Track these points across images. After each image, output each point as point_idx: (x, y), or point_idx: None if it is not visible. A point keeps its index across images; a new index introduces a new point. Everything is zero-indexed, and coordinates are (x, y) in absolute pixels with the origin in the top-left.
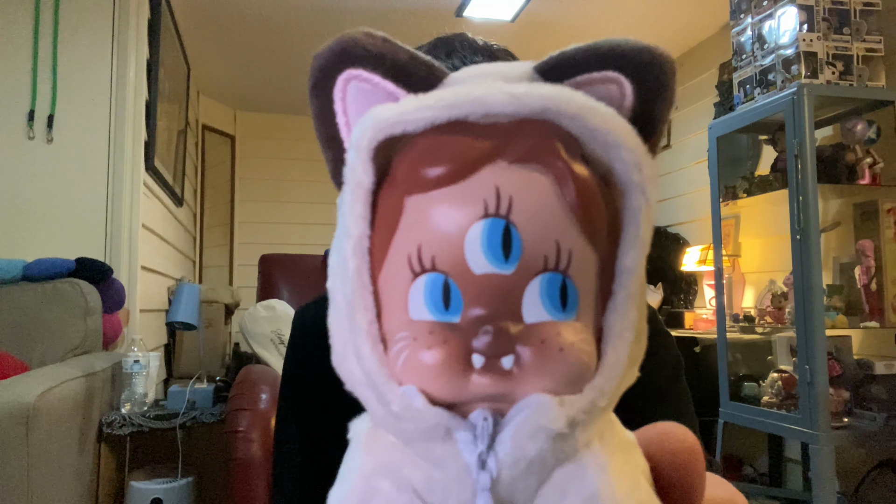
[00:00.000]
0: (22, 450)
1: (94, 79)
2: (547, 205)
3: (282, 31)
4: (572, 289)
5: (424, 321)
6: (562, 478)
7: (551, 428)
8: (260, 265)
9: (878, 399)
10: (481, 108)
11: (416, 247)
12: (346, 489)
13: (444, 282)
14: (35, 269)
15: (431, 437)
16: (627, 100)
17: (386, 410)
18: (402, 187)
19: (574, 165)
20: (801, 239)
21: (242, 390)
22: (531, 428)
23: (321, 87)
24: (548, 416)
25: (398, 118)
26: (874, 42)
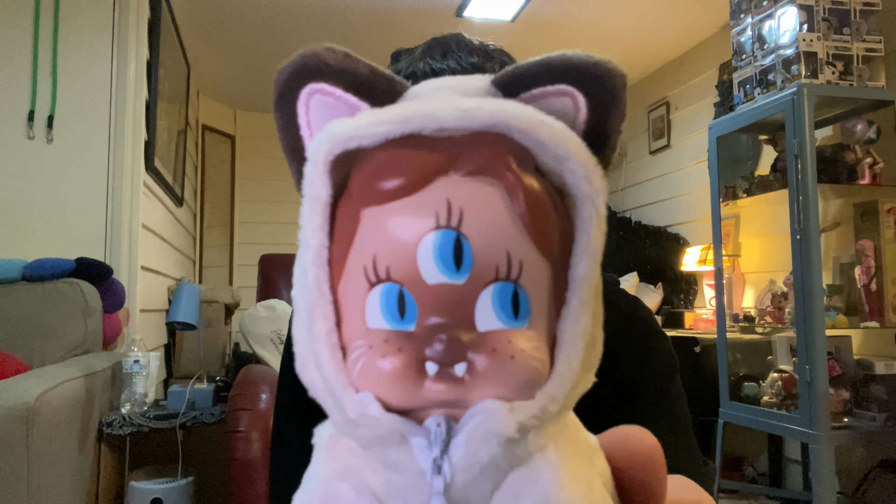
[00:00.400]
0: (22, 450)
1: (94, 79)
2: (497, 216)
3: (282, 31)
4: (524, 297)
5: (380, 330)
6: (515, 482)
7: (502, 433)
8: (260, 265)
9: (878, 399)
10: (433, 122)
11: (372, 257)
12: (308, 494)
13: (399, 292)
14: (35, 269)
15: (387, 442)
16: (581, 112)
17: (343, 416)
18: (359, 200)
19: (524, 178)
20: (801, 239)
21: (242, 390)
22: (483, 433)
23: (285, 101)
24: (499, 422)
25: (353, 133)
26: (874, 42)
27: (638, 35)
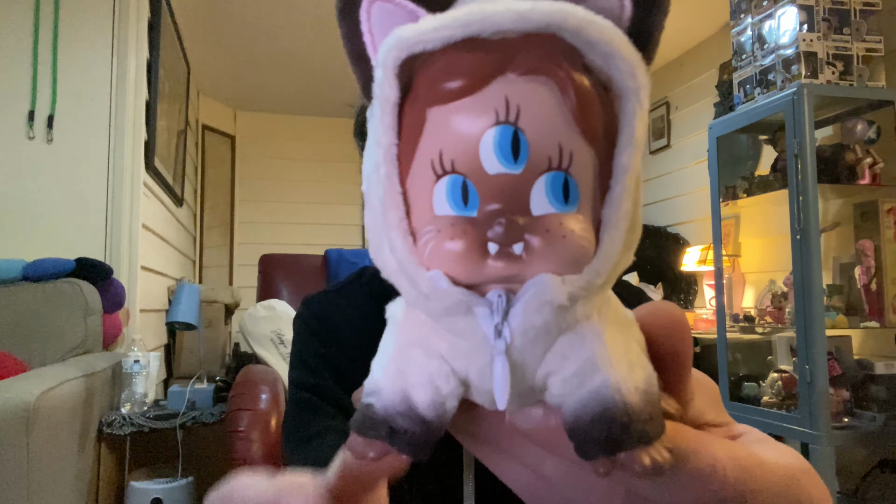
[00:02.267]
0: (22, 450)
1: (94, 79)
2: (550, 112)
3: (282, 31)
4: (573, 185)
5: (447, 216)
6: (564, 344)
7: (554, 301)
8: (260, 265)
9: (878, 399)
10: (491, 26)
11: (438, 152)
12: (385, 358)
13: (463, 182)
14: (35, 269)
15: (455, 312)
16: (626, 10)
17: (417, 292)
18: (424, 100)
19: (574, 75)
20: (801, 239)
21: (242, 390)
22: (538, 302)
23: (348, 11)
24: (552, 292)
25: (418, 38)
26: (874, 42)
27: None
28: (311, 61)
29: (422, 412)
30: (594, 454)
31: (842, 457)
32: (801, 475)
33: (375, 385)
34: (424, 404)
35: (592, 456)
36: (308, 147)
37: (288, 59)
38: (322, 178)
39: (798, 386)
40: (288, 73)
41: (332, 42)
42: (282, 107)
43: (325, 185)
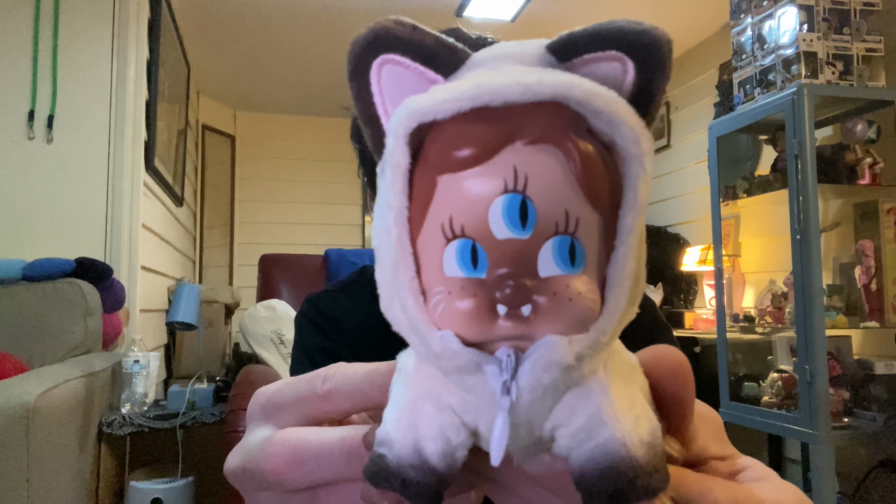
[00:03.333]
0: (22, 450)
1: (94, 79)
2: (557, 179)
3: (282, 31)
4: (579, 248)
5: (457, 278)
6: (571, 399)
7: (562, 362)
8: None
9: (878, 399)
10: (499, 98)
11: (448, 217)
12: (396, 410)
13: (472, 245)
14: (35, 269)
15: (465, 370)
16: (629, 76)
17: (427, 350)
18: (435, 167)
19: (580, 143)
20: (801, 239)
21: (242, 390)
22: (546, 362)
23: (359, 72)
24: (559, 353)
25: (429, 108)
26: (874, 42)
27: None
28: (311, 61)
29: (433, 464)
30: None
31: (842, 457)
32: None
33: (387, 436)
34: (436, 456)
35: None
36: (308, 147)
37: (288, 59)
38: (322, 178)
39: (798, 386)
40: (288, 73)
41: (332, 42)
42: (282, 107)
43: (325, 185)
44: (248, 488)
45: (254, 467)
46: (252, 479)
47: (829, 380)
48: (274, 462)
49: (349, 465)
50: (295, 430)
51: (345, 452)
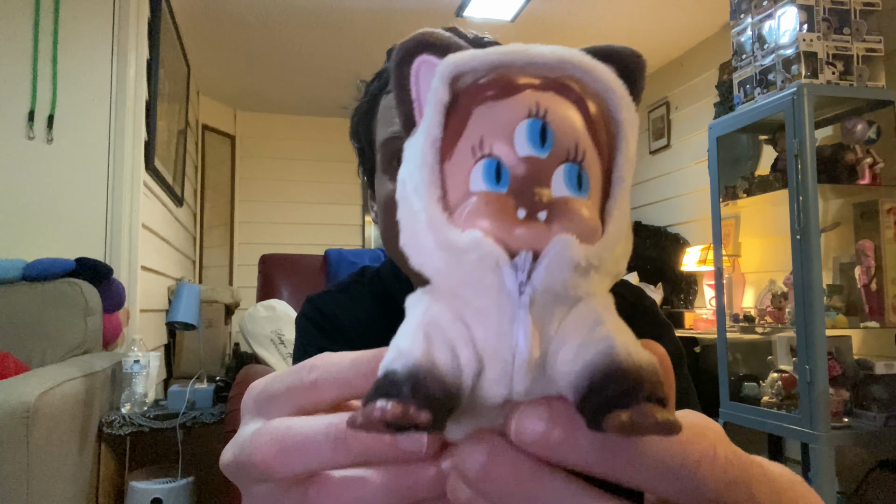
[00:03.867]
0: (22, 450)
1: (94, 79)
2: (570, 118)
3: (282, 31)
4: (585, 176)
5: (481, 192)
6: (576, 314)
7: (574, 260)
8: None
9: (878, 399)
10: (524, 57)
11: (480, 138)
12: (410, 326)
13: (497, 164)
14: (35, 269)
15: (485, 266)
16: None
17: (451, 254)
18: (470, 102)
19: (587, 99)
20: (801, 239)
21: (242, 390)
22: (559, 259)
23: (401, 70)
24: (572, 251)
25: (471, 58)
26: (874, 42)
27: (638, 35)
28: (311, 61)
29: (443, 372)
30: (607, 411)
31: (842, 457)
32: (799, 483)
33: (398, 350)
34: (446, 366)
35: (604, 416)
36: (308, 147)
37: (288, 59)
38: (322, 178)
39: (798, 386)
40: (288, 73)
41: (332, 42)
42: (282, 107)
43: (325, 185)
44: (244, 482)
45: (245, 459)
46: (244, 471)
47: (829, 380)
48: (262, 452)
49: (336, 450)
50: (283, 419)
51: (331, 438)
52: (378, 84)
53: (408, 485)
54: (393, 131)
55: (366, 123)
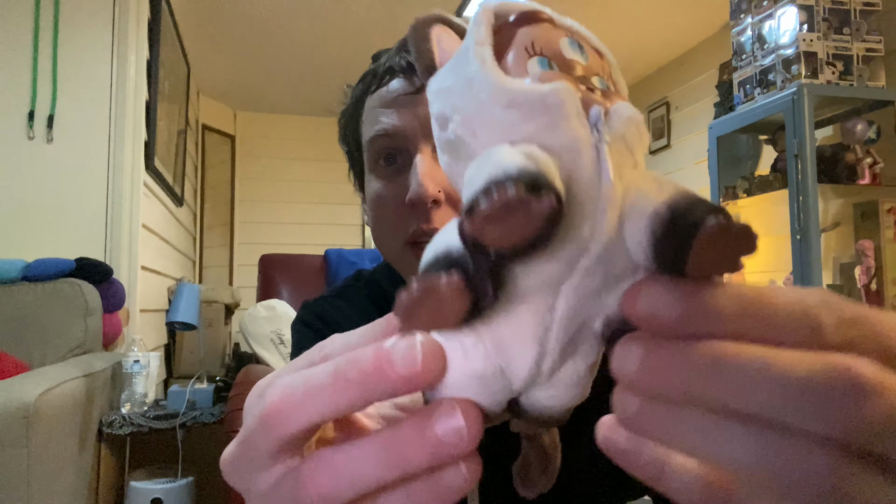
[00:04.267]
0: (22, 450)
1: (94, 79)
2: (595, 46)
3: (282, 31)
4: (612, 91)
5: (544, 71)
6: (640, 169)
7: (638, 117)
8: (260, 265)
9: None
10: (551, 13)
11: (531, 41)
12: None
13: (548, 60)
14: (35, 269)
15: (570, 109)
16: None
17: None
18: (514, 26)
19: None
20: (801, 239)
21: (242, 390)
22: (628, 115)
23: (422, 29)
24: (633, 111)
25: (507, 3)
26: (874, 42)
27: (638, 35)
28: (311, 61)
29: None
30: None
31: None
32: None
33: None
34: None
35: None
36: (308, 147)
37: (288, 59)
38: (322, 178)
39: None
40: (288, 73)
41: (333, 42)
42: (282, 107)
43: (325, 185)
44: (245, 473)
45: (251, 429)
46: (247, 456)
47: None
48: (270, 403)
49: (336, 388)
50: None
51: (340, 375)
52: (362, 87)
53: (401, 453)
54: (377, 130)
55: (352, 126)
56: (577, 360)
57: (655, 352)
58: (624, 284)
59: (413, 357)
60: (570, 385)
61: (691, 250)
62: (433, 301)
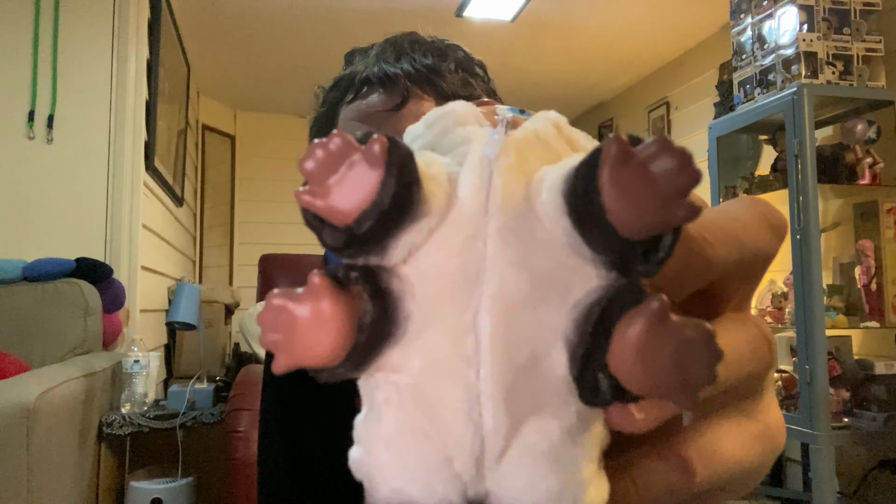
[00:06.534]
0: (22, 450)
1: (94, 79)
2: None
3: (282, 31)
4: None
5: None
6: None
7: (555, 116)
8: (260, 265)
9: (878, 399)
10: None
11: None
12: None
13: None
14: (35, 269)
15: (464, 118)
16: None
17: (438, 115)
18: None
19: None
20: (801, 239)
21: (242, 390)
22: (544, 115)
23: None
24: (555, 114)
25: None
26: (874, 42)
27: (638, 35)
28: (311, 61)
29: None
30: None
31: (842, 457)
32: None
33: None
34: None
35: (596, 183)
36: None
37: (288, 59)
38: None
39: (798, 386)
40: (288, 73)
41: (332, 42)
42: (282, 107)
43: None
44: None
45: None
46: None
47: (829, 380)
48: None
49: None
50: None
51: None
52: (336, 94)
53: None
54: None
55: (325, 134)
56: (541, 418)
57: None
58: (570, 291)
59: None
60: (544, 463)
61: (601, 193)
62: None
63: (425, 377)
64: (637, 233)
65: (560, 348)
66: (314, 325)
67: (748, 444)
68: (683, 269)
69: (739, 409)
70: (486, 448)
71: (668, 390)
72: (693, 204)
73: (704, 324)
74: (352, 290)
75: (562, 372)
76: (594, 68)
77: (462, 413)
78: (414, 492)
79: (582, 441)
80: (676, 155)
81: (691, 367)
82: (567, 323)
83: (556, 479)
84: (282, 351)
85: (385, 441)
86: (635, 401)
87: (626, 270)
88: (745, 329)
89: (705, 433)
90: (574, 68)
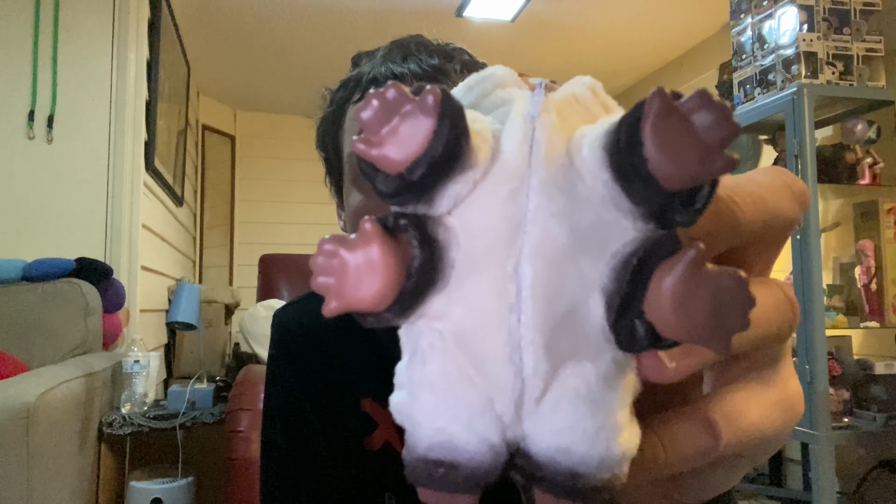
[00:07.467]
0: (22, 450)
1: (94, 79)
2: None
3: (282, 31)
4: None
5: None
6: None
7: (591, 81)
8: (260, 265)
9: (878, 399)
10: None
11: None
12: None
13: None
14: (35, 269)
15: (504, 81)
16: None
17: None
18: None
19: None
20: (801, 239)
21: (242, 390)
22: (579, 80)
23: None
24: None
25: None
26: (874, 42)
27: (638, 35)
28: (311, 61)
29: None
30: (638, 124)
31: (842, 457)
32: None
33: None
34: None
35: (639, 136)
36: (308, 147)
37: (288, 59)
38: (322, 178)
39: None
40: (288, 73)
41: (332, 42)
42: (282, 107)
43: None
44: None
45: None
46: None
47: (829, 380)
48: None
49: None
50: None
51: None
52: (344, 94)
53: None
54: None
55: (332, 133)
56: (579, 363)
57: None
58: (609, 243)
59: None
60: (582, 405)
61: (644, 144)
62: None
63: (468, 323)
64: (678, 183)
65: (598, 298)
66: (364, 270)
67: (769, 411)
68: (714, 228)
69: (760, 377)
70: (526, 390)
71: (703, 335)
72: (731, 156)
73: (739, 271)
74: (401, 238)
75: (599, 320)
76: (594, 68)
77: (504, 357)
78: (456, 431)
79: (617, 387)
80: (717, 108)
81: (726, 312)
82: (605, 273)
83: (593, 420)
84: (332, 294)
85: (430, 384)
86: (670, 347)
87: (665, 221)
88: (770, 290)
89: (729, 398)
90: (574, 68)
